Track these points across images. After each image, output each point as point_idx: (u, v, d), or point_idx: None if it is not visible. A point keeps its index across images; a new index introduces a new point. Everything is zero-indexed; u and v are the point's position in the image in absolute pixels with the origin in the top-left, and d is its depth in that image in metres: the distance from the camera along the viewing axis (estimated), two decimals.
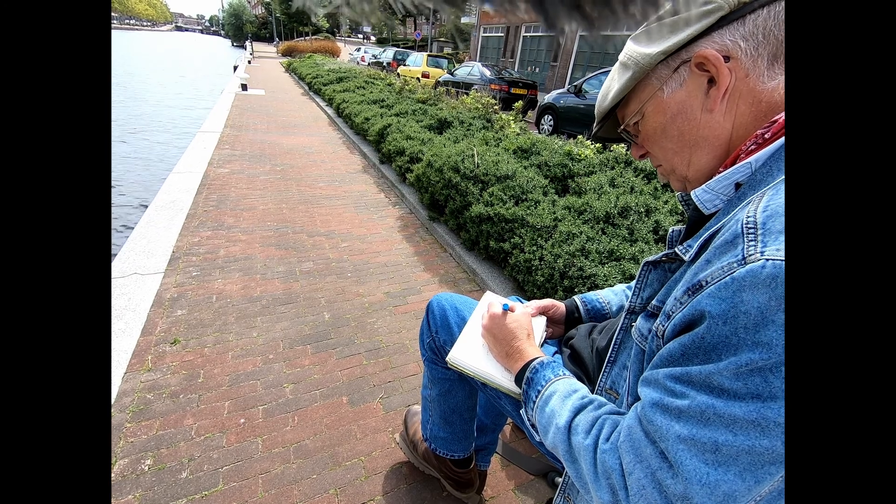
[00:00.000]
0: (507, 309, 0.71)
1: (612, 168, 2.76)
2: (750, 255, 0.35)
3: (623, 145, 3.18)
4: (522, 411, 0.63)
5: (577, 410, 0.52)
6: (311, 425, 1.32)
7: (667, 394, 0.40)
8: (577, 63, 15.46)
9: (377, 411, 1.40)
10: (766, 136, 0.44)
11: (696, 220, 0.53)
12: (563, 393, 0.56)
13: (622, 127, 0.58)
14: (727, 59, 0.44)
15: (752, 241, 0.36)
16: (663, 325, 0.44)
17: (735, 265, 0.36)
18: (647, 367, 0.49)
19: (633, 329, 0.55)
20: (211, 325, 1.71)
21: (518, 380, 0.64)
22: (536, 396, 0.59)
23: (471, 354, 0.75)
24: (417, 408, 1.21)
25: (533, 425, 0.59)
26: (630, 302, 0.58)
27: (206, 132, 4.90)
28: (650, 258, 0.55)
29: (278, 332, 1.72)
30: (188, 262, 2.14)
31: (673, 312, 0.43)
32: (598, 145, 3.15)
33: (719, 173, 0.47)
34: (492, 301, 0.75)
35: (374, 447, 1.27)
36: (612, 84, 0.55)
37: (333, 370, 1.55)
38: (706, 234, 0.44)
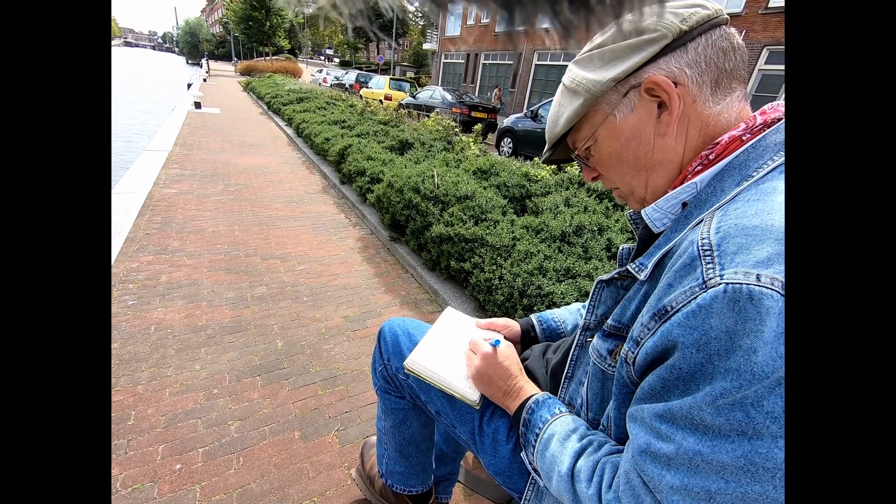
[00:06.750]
0: (496, 345, 0.68)
1: (567, 188, 2.87)
2: (710, 279, 0.36)
3: (577, 166, 3.33)
4: (523, 454, 0.60)
5: (578, 455, 0.50)
6: (258, 466, 1.21)
7: (653, 436, 0.40)
8: (533, 90, 16.27)
9: (332, 445, 1.31)
10: (710, 156, 0.46)
11: (646, 238, 0.54)
12: (561, 435, 0.54)
13: (575, 152, 0.58)
14: (676, 84, 0.45)
15: (709, 264, 0.37)
16: (633, 352, 0.44)
17: (697, 289, 0.37)
18: (616, 391, 0.48)
19: (589, 347, 0.55)
20: (147, 360, 1.56)
21: (515, 421, 0.62)
22: (535, 440, 0.56)
23: (429, 360, 0.72)
24: (375, 439, 1.15)
25: (535, 470, 0.57)
26: (585, 319, 0.59)
27: (152, 151, 4.62)
28: (603, 277, 0.55)
29: (224, 364, 1.59)
30: (124, 290, 1.96)
31: (641, 339, 0.42)
32: (553, 167, 3.28)
33: (667, 193, 0.49)
34: (475, 339, 0.71)
35: (328, 486, 1.18)
36: (561, 110, 0.55)
37: (285, 402, 1.45)
38: (658, 254, 0.46)
